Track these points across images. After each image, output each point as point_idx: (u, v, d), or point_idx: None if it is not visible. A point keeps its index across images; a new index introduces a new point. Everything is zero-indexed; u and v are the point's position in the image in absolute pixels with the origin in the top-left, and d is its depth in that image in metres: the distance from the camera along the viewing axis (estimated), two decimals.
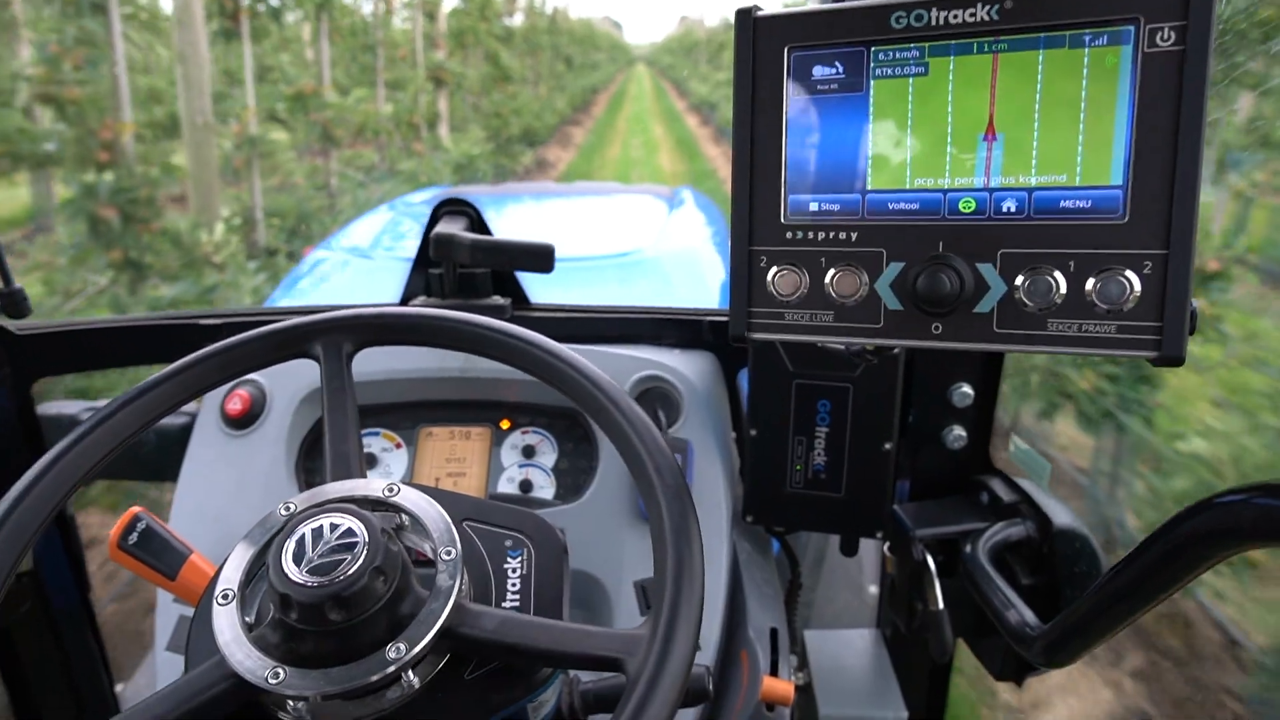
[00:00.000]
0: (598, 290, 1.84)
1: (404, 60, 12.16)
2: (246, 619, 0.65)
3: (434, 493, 0.73)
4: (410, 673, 0.62)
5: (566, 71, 27.39)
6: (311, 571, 0.61)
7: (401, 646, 0.61)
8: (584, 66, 32.36)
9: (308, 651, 0.62)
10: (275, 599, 0.62)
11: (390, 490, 0.71)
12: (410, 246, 2.36)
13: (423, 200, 2.84)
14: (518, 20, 18.79)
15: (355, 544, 0.63)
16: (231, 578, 0.67)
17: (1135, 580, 0.67)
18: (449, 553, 0.67)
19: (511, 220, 2.40)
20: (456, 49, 13.03)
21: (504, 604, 0.75)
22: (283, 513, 0.71)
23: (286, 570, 0.62)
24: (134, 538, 0.89)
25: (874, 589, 2.67)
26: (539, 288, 1.31)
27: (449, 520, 0.69)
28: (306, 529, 0.64)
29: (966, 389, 1.12)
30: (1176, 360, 0.56)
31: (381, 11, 11.75)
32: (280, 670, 0.61)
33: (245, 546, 0.70)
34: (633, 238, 2.15)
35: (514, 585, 0.77)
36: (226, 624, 0.64)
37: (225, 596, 0.66)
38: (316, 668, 0.61)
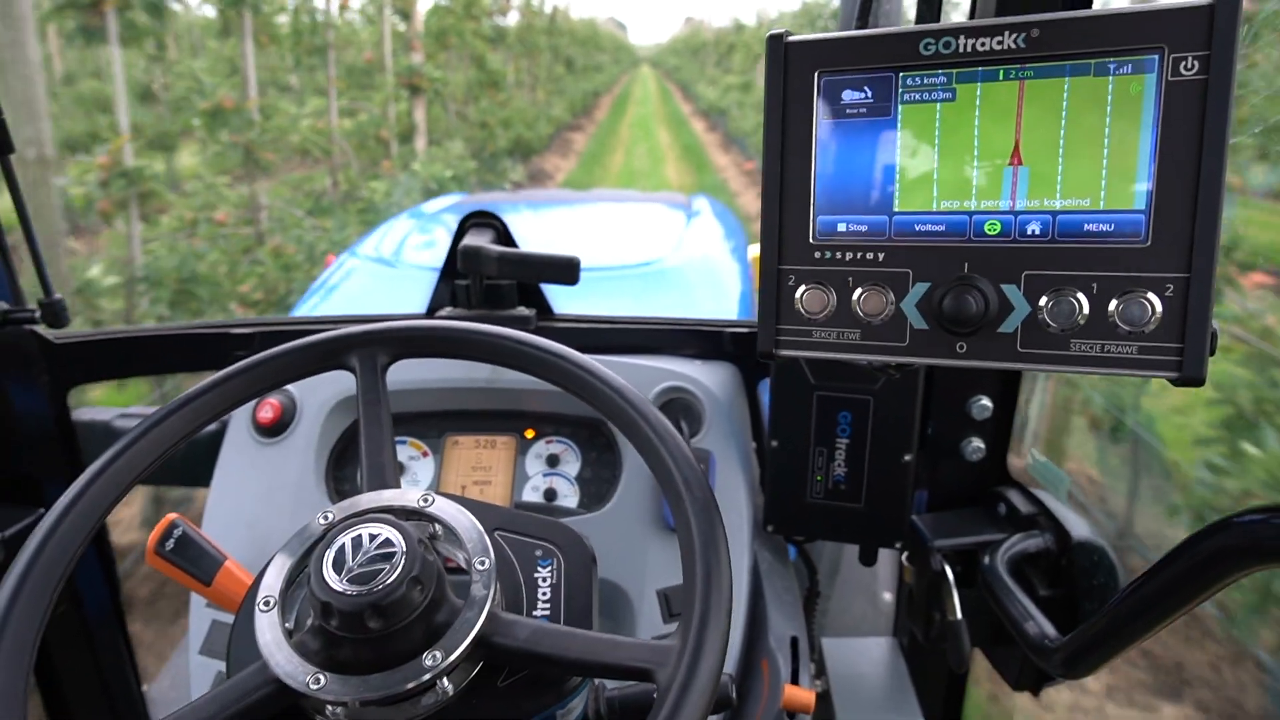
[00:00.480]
0: (618, 300, 1.85)
1: (372, 65, 10.68)
2: (287, 625, 0.68)
3: (466, 503, 0.75)
4: (445, 680, 0.64)
5: (566, 74, 25.81)
6: (352, 580, 0.63)
7: (438, 654, 0.63)
8: (587, 69, 31.00)
9: (346, 658, 0.64)
10: (316, 606, 0.64)
11: (425, 500, 0.73)
12: (432, 254, 2.40)
13: (443, 209, 2.87)
14: (512, 20, 17.26)
15: (394, 554, 0.65)
16: (272, 585, 0.69)
17: (1155, 595, 0.68)
18: (483, 563, 0.69)
19: (530, 228, 2.43)
20: (438, 51, 11.48)
21: (535, 613, 0.77)
22: (321, 522, 0.73)
23: (327, 579, 0.64)
24: (171, 544, 0.91)
25: (888, 595, 2.68)
26: (559, 295, 1.33)
27: (482, 530, 0.71)
28: (346, 539, 0.66)
29: (985, 402, 1.14)
30: (1197, 381, 0.58)
31: (335, 9, 10.06)
32: (321, 676, 0.63)
33: (285, 555, 0.72)
34: (652, 247, 2.17)
35: (544, 595, 0.79)
36: (268, 630, 0.66)
37: (267, 603, 0.68)
38: (355, 674, 0.63)
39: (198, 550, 0.91)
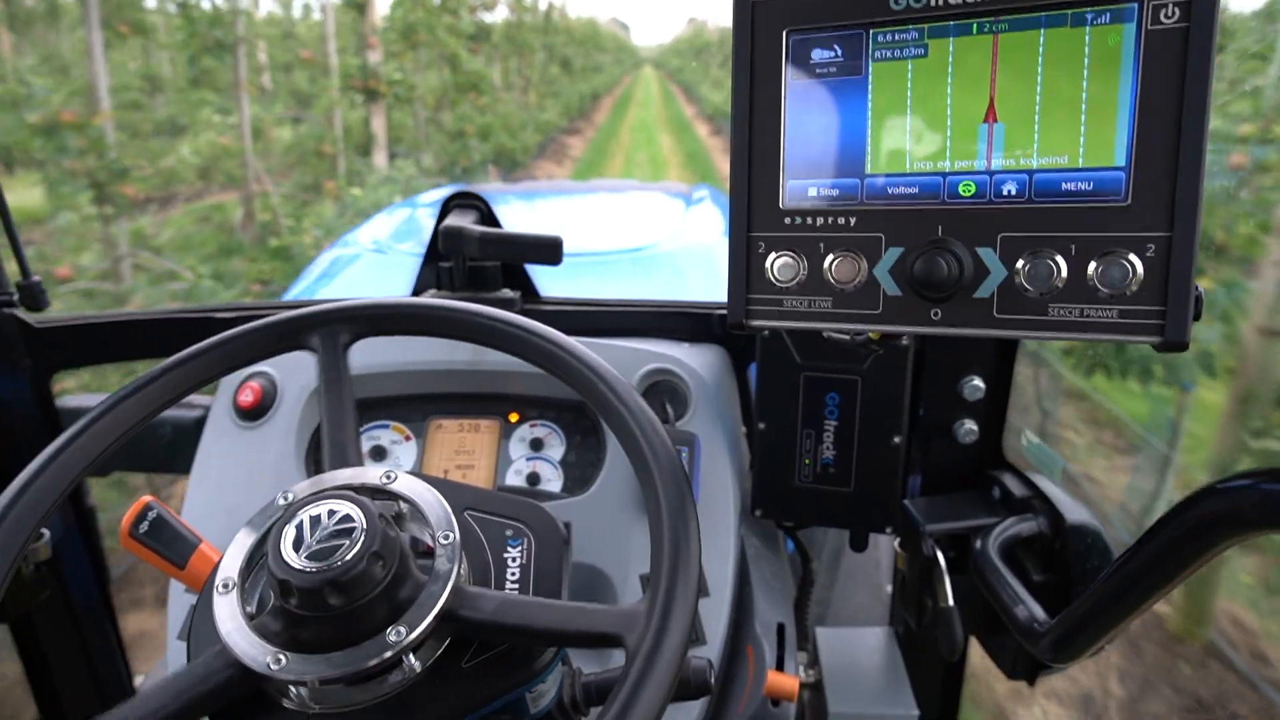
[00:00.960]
0: (612, 285, 1.84)
1: (315, 65, 9.24)
2: (248, 608, 0.66)
3: (434, 481, 0.73)
4: (411, 656, 0.62)
5: (563, 75, 23.73)
6: (310, 557, 0.62)
7: (401, 629, 0.61)
8: (586, 69, 29.15)
9: (308, 637, 0.62)
10: (275, 585, 0.63)
11: (388, 478, 0.71)
12: (423, 241, 2.39)
13: (439, 199, 2.86)
14: (499, 16, 15.62)
15: (353, 529, 0.63)
16: (231, 566, 0.68)
17: (1140, 571, 0.66)
18: (447, 537, 0.67)
19: (527, 216, 2.41)
20: (406, 50, 9.88)
21: (504, 587, 0.75)
22: (282, 501, 0.72)
23: (285, 557, 0.62)
24: (145, 526, 0.90)
25: (889, 587, 2.65)
26: (552, 281, 1.31)
27: (447, 506, 0.69)
28: (305, 516, 0.65)
29: (978, 382, 1.11)
30: (1180, 345, 0.55)
31: None
32: (281, 656, 0.61)
33: (246, 535, 0.70)
34: (647, 233, 2.15)
35: (514, 574, 0.77)
36: (227, 613, 0.64)
37: (226, 585, 0.66)
38: (317, 653, 0.61)
39: (172, 533, 0.90)
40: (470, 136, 10.89)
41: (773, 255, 0.66)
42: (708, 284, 2.02)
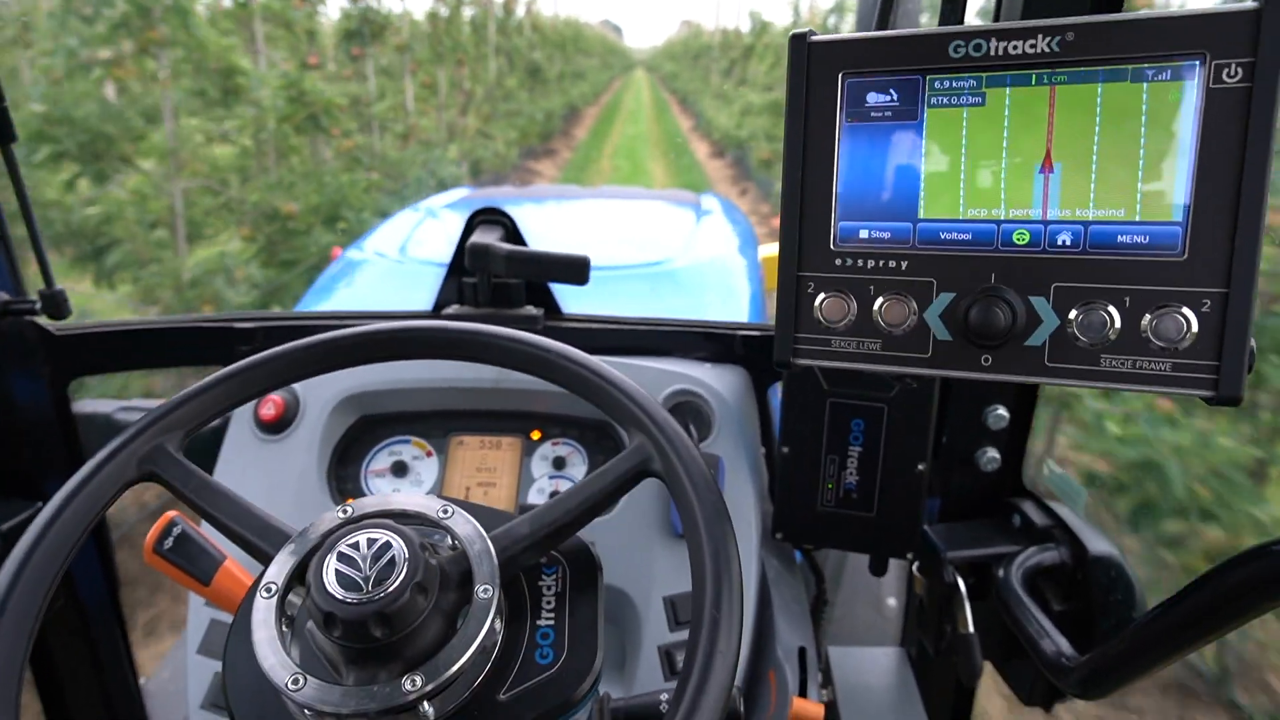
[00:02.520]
0: (626, 299, 1.84)
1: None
2: (284, 623, 0.66)
3: (481, 512, 0.73)
4: (427, 704, 0.62)
5: (528, 87, 18.04)
6: (352, 588, 0.62)
7: (418, 679, 0.61)
8: (566, 76, 24.02)
9: (333, 665, 0.63)
10: (318, 614, 0.63)
11: (445, 513, 0.71)
12: (437, 250, 2.39)
13: (448, 203, 2.85)
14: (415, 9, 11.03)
15: (395, 558, 0.63)
16: (277, 575, 0.68)
17: (1181, 622, 0.66)
18: (486, 591, 0.67)
19: (538, 223, 2.40)
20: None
21: (539, 621, 0.75)
22: (341, 515, 0.72)
23: (329, 587, 0.62)
24: (169, 542, 0.90)
25: (892, 601, 2.66)
26: (566, 294, 1.31)
27: (495, 559, 0.69)
28: (349, 543, 0.64)
29: (1002, 411, 1.11)
30: (1234, 400, 0.56)
31: None
32: (300, 677, 0.61)
33: (289, 554, 0.70)
34: (661, 247, 2.15)
35: (549, 604, 0.77)
36: (261, 619, 0.65)
37: (269, 590, 0.66)
38: (337, 684, 0.62)
39: (196, 549, 0.90)
40: (292, 217, 5.86)
41: (822, 295, 0.66)
42: (723, 301, 2.02)
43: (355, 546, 0.64)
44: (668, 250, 2.12)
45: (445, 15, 12.50)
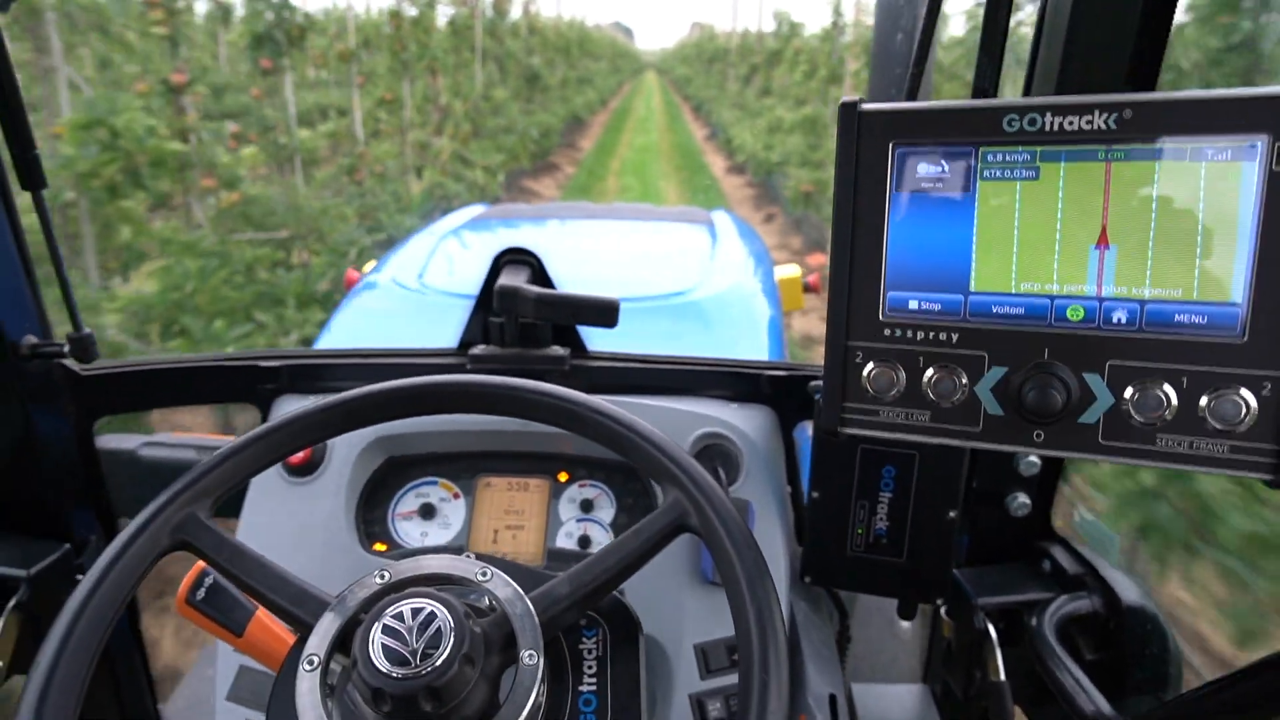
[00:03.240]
0: (648, 333, 1.83)
1: None
2: (326, 695, 0.66)
3: (516, 573, 0.73)
4: None
5: (524, 98, 16.10)
6: (400, 662, 0.62)
7: None
8: (569, 82, 22.14)
9: None
10: (365, 689, 0.63)
11: (484, 575, 0.71)
12: (456, 279, 2.38)
13: (462, 224, 2.84)
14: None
15: (441, 629, 0.63)
16: (319, 645, 0.68)
17: (1229, 706, 0.65)
18: (531, 657, 0.66)
19: (551, 244, 2.41)
20: None
21: (581, 686, 0.75)
22: (379, 580, 0.72)
23: (376, 662, 0.62)
24: (201, 593, 0.90)
25: (906, 625, 2.64)
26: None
27: (537, 622, 0.68)
28: (396, 612, 0.64)
29: (1034, 458, 1.11)
30: None
31: None
32: None
33: (329, 622, 0.70)
34: (680, 275, 2.14)
35: (590, 667, 0.77)
36: (307, 688, 0.66)
37: (311, 663, 0.67)
38: None
39: (229, 600, 0.90)
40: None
41: (870, 365, 0.66)
42: (744, 331, 2.01)
43: (400, 618, 0.64)
44: (686, 278, 2.11)
45: (413, 15, 10.33)
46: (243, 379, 1.27)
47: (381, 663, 0.62)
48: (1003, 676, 1.08)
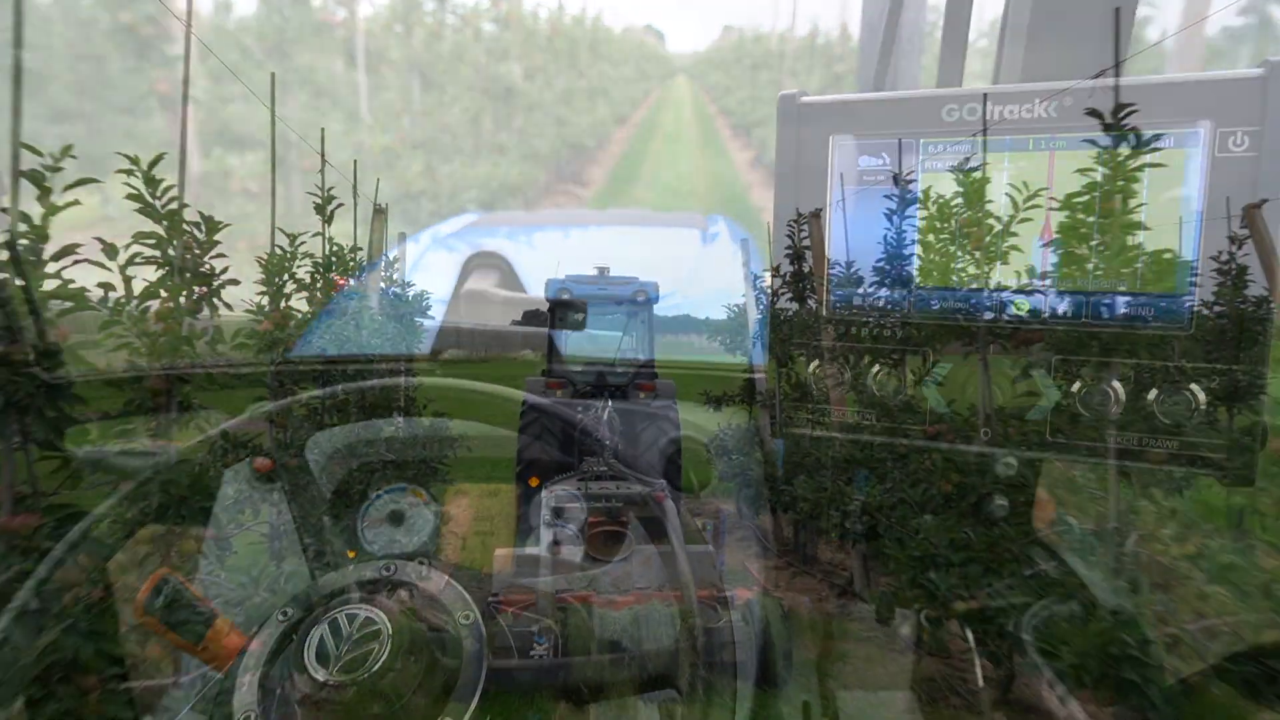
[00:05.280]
0: (632, 333, 1.82)
1: None
2: (266, 700, 0.65)
3: (460, 578, 0.72)
4: None
5: (473, 126, 12.02)
6: (342, 670, 0.61)
7: None
8: (578, 93, 18.81)
9: None
10: (300, 693, 0.61)
11: (389, 569, 0.70)
12: (440, 282, 2.39)
13: (452, 233, 2.85)
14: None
15: (379, 632, 0.62)
16: (259, 651, 0.66)
17: (1212, 700, 0.63)
18: (468, 617, 0.65)
19: (543, 250, 2.40)
20: None
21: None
22: (324, 587, 0.70)
23: (314, 674, 0.61)
24: (160, 600, 0.89)
25: (887, 629, 2.60)
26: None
27: (459, 586, 0.67)
28: (325, 626, 0.63)
29: (1010, 459, 1.09)
30: (1246, 480, 0.53)
31: None
32: None
33: (276, 623, 0.69)
34: (668, 276, 2.13)
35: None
36: (246, 690, 0.64)
37: (251, 665, 0.65)
38: None
39: (187, 610, 0.88)
40: None
41: (815, 364, 0.64)
42: (730, 332, 2.00)
43: (339, 624, 0.63)
44: (674, 279, 2.10)
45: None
46: (220, 383, 1.27)
47: (317, 670, 0.61)
48: (981, 682, 1.06)
